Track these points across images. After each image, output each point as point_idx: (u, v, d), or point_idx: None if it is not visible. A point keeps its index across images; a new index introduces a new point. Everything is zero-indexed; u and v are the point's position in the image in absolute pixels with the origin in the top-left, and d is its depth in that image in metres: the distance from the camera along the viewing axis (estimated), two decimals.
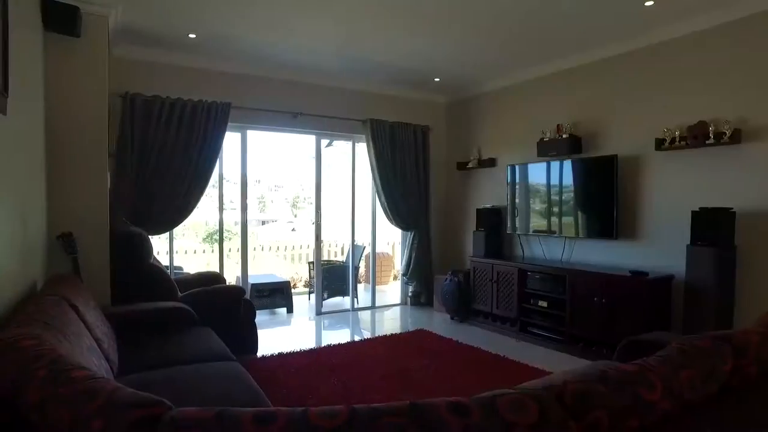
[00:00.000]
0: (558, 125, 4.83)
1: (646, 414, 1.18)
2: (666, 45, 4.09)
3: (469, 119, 6.19)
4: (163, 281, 3.79)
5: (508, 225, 5.37)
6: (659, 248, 4.12)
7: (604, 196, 4.38)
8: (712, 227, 3.55)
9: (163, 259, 5.11)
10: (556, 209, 4.85)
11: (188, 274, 5.33)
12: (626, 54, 4.37)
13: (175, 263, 5.69)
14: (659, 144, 4.05)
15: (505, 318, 4.97)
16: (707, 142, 3.73)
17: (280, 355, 4.17)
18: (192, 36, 4.32)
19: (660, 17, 3.83)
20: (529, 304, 4.72)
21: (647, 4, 3.58)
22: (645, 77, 4.25)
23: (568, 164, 4.71)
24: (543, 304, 4.60)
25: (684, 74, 3.99)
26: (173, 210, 4.68)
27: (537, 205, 5.08)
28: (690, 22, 3.87)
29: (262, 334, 4.24)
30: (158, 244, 7.05)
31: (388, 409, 0.96)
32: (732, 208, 3.57)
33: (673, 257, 3.92)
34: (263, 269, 8.23)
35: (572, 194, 4.70)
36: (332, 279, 6.52)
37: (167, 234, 5.05)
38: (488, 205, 5.58)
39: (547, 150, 4.88)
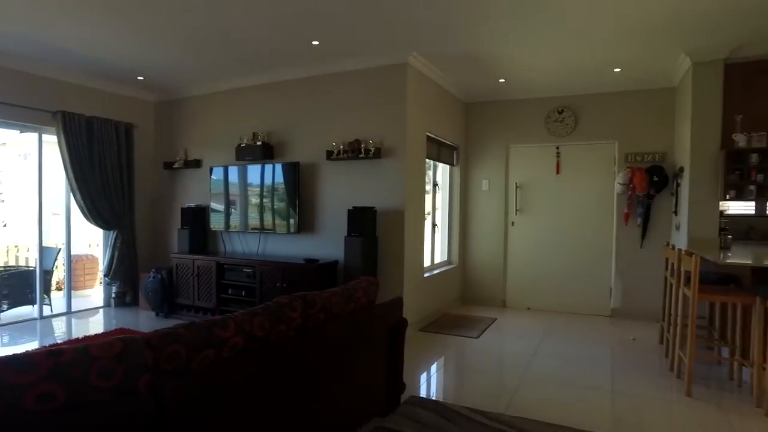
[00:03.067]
0: (254, 133, 5.44)
1: (220, 346, 1.73)
2: (333, 76, 5.10)
3: (176, 120, 6.34)
4: None
5: (212, 223, 5.77)
6: (329, 239, 5.11)
7: (290, 196, 5.18)
8: (361, 222, 4.64)
9: None
10: (252, 208, 5.46)
11: None
12: (305, 78, 5.25)
13: None
14: (329, 154, 5.03)
15: (207, 308, 5.36)
16: (360, 155, 4.83)
17: None
18: None
19: (325, 54, 4.78)
20: (227, 293, 5.22)
21: (314, 42, 4.45)
22: (320, 98, 5.19)
23: (262, 168, 5.36)
24: (238, 292, 5.15)
25: (346, 100, 5.04)
26: None
27: (236, 204, 5.60)
28: (346, 62, 4.93)
29: None
30: None
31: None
32: (374, 207, 4.73)
33: (338, 246, 4.94)
34: None
35: (265, 195, 5.38)
36: (15, 287, 5.80)
37: None
38: (193, 204, 5.87)
39: (244, 154, 5.46)
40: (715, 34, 4.16)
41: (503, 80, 5.62)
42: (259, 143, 5.36)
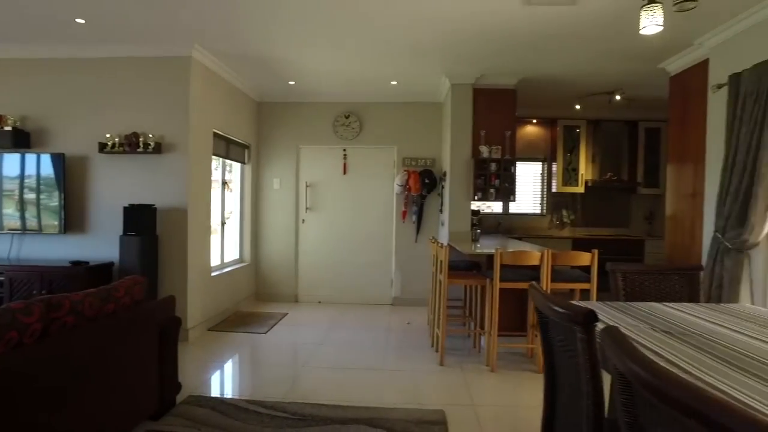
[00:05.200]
0: (1, 116, 4.65)
1: (22, 329, 1.53)
2: (108, 61, 4.65)
3: None
4: None
5: None
6: (103, 239, 4.66)
7: (54, 192, 4.57)
8: (139, 220, 4.34)
9: None
10: (4, 204, 4.66)
11: None
12: (74, 60, 4.68)
13: None
14: (102, 147, 4.58)
15: None
16: (138, 150, 4.52)
17: None
18: None
19: (97, 36, 4.34)
20: None
21: (78, 21, 4.01)
22: (91, 84, 4.69)
23: (14, 158, 4.62)
24: None
25: (122, 89, 4.65)
26: None
27: None
28: (123, 47, 4.55)
29: None
30: None
31: None
32: (154, 205, 4.48)
33: (113, 246, 4.54)
34: None
35: (20, 189, 4.65)
36: None
37: None
38: None
39: None
40: (464, 63, 4.97)
41: (293, 83, 5.81)
42: (8, 128, 4.59)
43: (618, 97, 5.87)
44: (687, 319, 2.10)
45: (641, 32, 2.36)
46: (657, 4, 2.26)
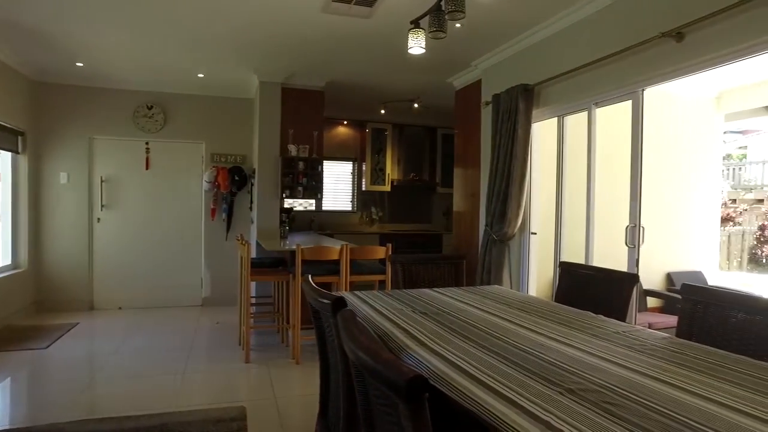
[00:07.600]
0: None
1: None
2: None
3: None
4: None
5: None
6: None
7: None
8: None
9: None
10: None
11: None
12: None
13: None
14: None
15: None
16: None
17: None
18: None
19: None
20: None
21: None
22: None
23: None
24: None
25: None
26: None
27: None
28: None
29: None
30: None
31: None
32: None
33: None
34: None
35: None
36: None
37: None
38: None
39: None
40: (270, 62, 5.01)
41: (81, 64, 5.18)
42: None
43: (416, 105, 6.51)
44: (444, 300, 2.47)
45: (409, 51, 2.70)
46: (421, 30, 2.62)
